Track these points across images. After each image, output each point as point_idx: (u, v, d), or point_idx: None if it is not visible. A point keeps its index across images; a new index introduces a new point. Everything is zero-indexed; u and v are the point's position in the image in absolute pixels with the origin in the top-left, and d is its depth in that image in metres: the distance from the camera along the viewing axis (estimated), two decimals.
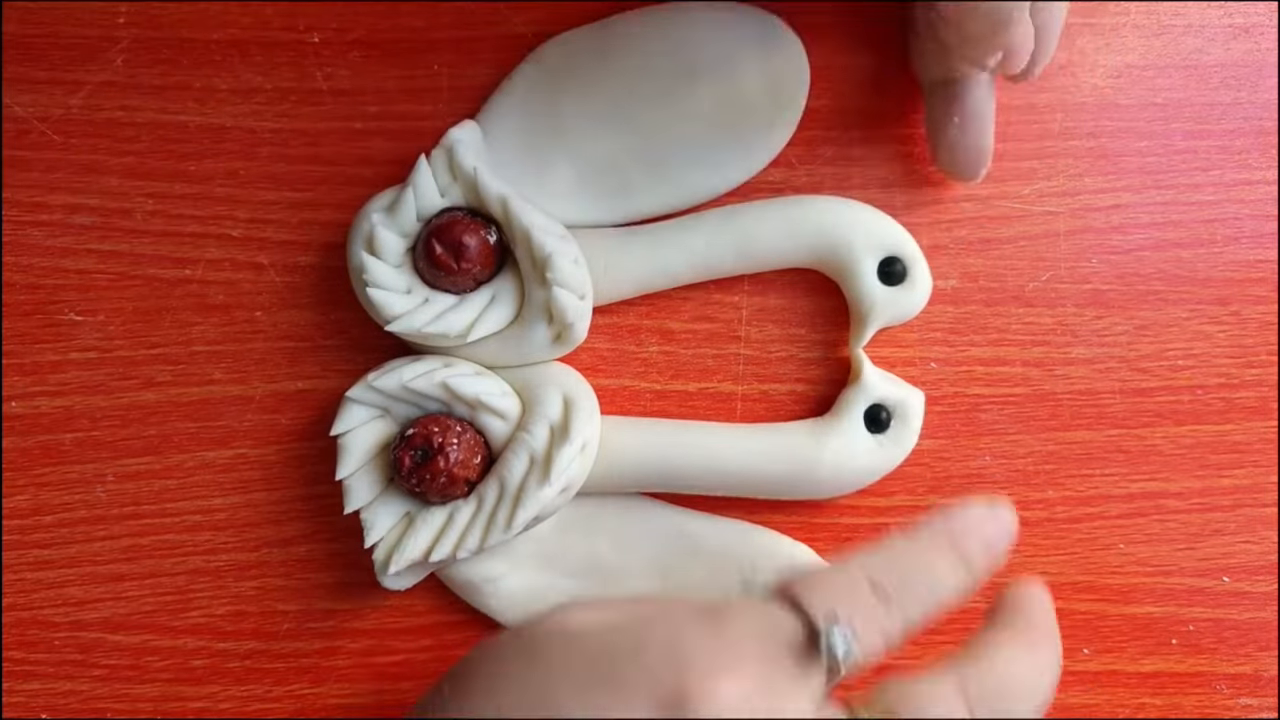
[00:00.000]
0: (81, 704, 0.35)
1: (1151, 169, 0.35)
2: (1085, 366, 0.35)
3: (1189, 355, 0.35)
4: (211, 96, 0.34)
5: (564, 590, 0.34)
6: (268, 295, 0.35)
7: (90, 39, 0.34)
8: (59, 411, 0.35)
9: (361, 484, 0.32)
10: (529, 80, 0.34)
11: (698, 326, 0.35)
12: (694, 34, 0.34)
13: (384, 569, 0.32)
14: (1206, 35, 0.35)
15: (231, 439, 0.35)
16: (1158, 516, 0.35)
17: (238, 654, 0.35)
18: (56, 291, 0.34)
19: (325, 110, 0.35)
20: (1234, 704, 0.35)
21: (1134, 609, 0.35)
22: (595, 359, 0.35)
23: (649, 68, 0.34)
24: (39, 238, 0.34)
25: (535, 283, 0.32)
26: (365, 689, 0.35)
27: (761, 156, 0.34)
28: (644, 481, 0.34)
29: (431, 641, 0.35)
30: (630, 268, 0.34)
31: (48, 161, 0.34)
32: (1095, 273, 0.35)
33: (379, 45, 0.34)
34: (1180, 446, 0.35)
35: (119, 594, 0.35)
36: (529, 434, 0.32)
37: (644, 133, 0.34)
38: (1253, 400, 0.35)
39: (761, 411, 0.35)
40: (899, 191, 0.35)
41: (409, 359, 0.33)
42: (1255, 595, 0.35)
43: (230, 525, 0.35)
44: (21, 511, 0.35)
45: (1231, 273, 0.35)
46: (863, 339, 0.34)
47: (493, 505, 0.32)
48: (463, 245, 0.31)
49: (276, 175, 0.35)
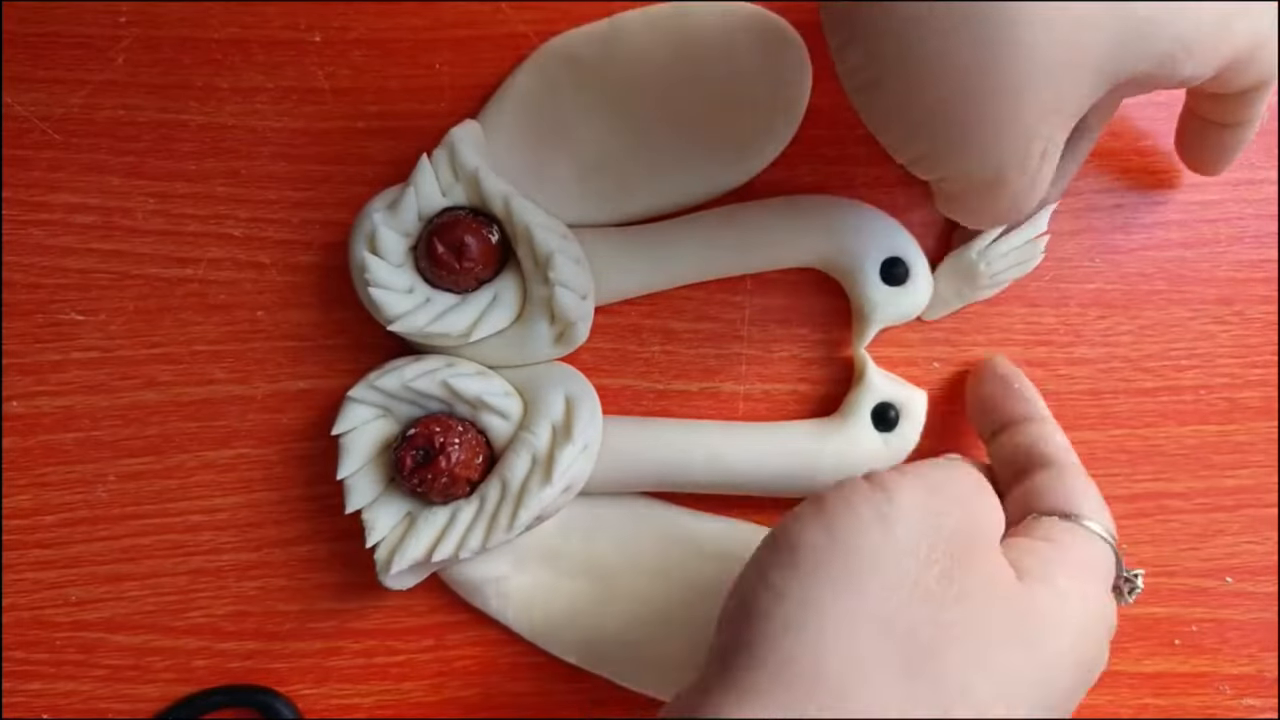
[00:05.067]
0: (83, 704, 0.34)
1: (1154, 168, 0.35)
2: (1088, 366, 0.35)
3: (1192, 355, 0.35)
4: (213, 96, 0.34)
5: (566, 590, 0.34)
6: (269, 295, 0.35)
7: (91, 38, 0.34)
8: (60, 411, 0.34)
9: (363, 484, 0.32)
10: (530, 80, 0.34)
11: (700, 326, 0.35)
12: (695, 34, 0.34)
13: (385, 569, 0.32)
14: None
15: (233, 439, 0.35)
16: (1161, 517, 0.35)
17: (239, 654, 0.35)
18: (57, 291, 0.34)
19: (327, 109, 0.34)
20: (1237, 704, 0.35)
21: (1136, 609, 0.35)
22: (597, 359, 0.35)
23: (650, 67, 0.34)
24: (40, 237, 0.34)
25: (537, 282, 0.32)
26: (367, 689, 0.35)
27: (763, 156, 0.34)
28: (646, 481, 0.34)
29: (433, 642, 0.35)
30: (632, 267, 0.34)
31: (49, 161, 0.34)
32: (1098, 272, 0.35)
33: (380, 44, 0.34)
34: (1184, 447, 0.35)
35: (120, 594, 0.35)
36: (531, 434, 0.32)
37: (646, 132, 0.34)
38: (1256, 400, 0.35)
39: (764, 412, 0.35)
40: (901, 192, 0.35)
41: (411, 358, 0.33)
42: (1258, 596, 0.35)
43: (231, 525, 0.35)
44: (22, 511, 0.34)
45: (1235, 273, 0.35)
46: (865, 339, 0.34)
47: (495, 505, 0.32)
48: (464, 244, 0.31)
49: (278, 174, 0.34)
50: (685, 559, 0.34)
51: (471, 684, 0.35)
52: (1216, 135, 0.32)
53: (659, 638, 0.34)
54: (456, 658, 0.35)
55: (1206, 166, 0.33)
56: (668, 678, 0.34)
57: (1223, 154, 0.32)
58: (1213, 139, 0.32)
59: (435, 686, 0.35)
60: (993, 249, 0.34)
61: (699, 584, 0.34)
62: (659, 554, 0.34)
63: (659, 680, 0.34)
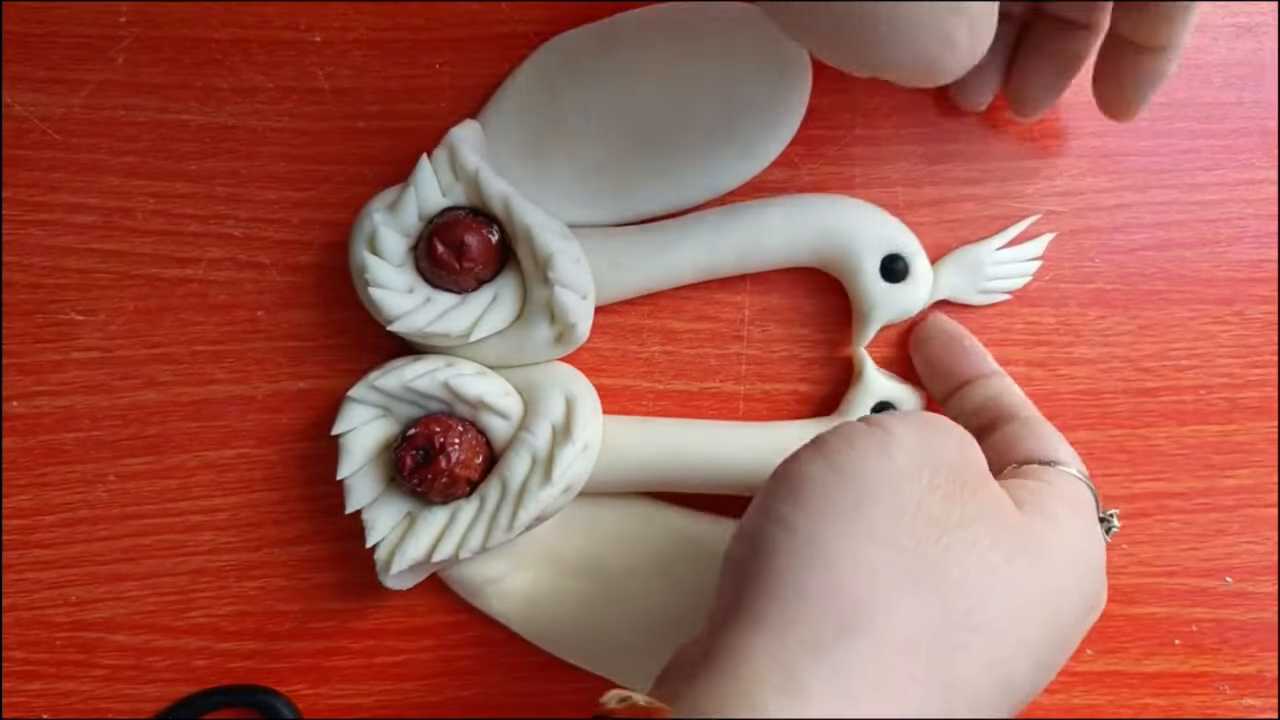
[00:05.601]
0: (83, 704, 0.35)
1: (1154, 168, 0.35)
2: (1088, 366, 0.35)
3: (1192, 355, 0.35)
4: (213, 96, 0.34)
5: (566, 590, 0.34)
6: (269, 295, 0.35)
7: (91, 38, 0.34)
8: (60, 411, 0.34)
9: (363, 484, 0.32)
10: (530, 80, 0.34)
11: (700, 326, 0.35)
12: (695, 34, 0.34)
13: (386, 569, 0.32)
14: (1209, 35, 0.35)
15: (233, 439, 0.35)
16: (1161, 517, 0.35)
17: (239, 654, 0.35)
18: (57, 291, 0.34)
19: (327, 109, 0.34)
20: (1237, 704, 0.35)
21: (1137, 609, 0.35)
22: (597, 359, 0.35)
23: (650, 67, 0.34)
24: (40, 237, 0.34)
25: (537, 282, 0.32)
26: (367, 689, 0.35)
27: (764, 156, 0.34)
28: (646, 481, 0.34)
29: (433, 642, 0.35)
30: (632, 267, 0.34)
31: (48, 161, 0.34)
32: (1098, 272, 0.35)
33: (380, 44, 0.34)
34: (1184, 446, 0.35)
35: (120, 594, 0.35)
36: (531, 434, 0.32)
37: (645, 132, 0.34)
38: (1256, 400, 0.35)
39: (764, 412, 0.35)
40: (901, 190, 0.35)
41: (411, 358, 0.33)
42: (1258, 596, 0.35)
43: (232, 525, 0.35)
44: (23, 511, 0.34)
45: (1235, 272, 0.35)
46: (865, 337, 0.34)
47: (495, 505, 0.32)
48: (465, 244, 0.31)
49: (278, 174, 0.34)
50: (685, 559, 0.34)
51: (471, 684, 0.35)
52: (1134, 62, 0.30)
53: (659, 638, 0.34)
54: (457, 658, 0.35)
55: (1120, 103, 0.32)
56: None
57: (1138, 88, 0.31)
58: (1129, 67, 0.31)
59: (435, 686, 0.35)
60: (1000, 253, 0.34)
61: (699, 584, 0.34)
62: (659, 554, 0.34)
63: None
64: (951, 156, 0.35)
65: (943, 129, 0.35)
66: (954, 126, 0.35)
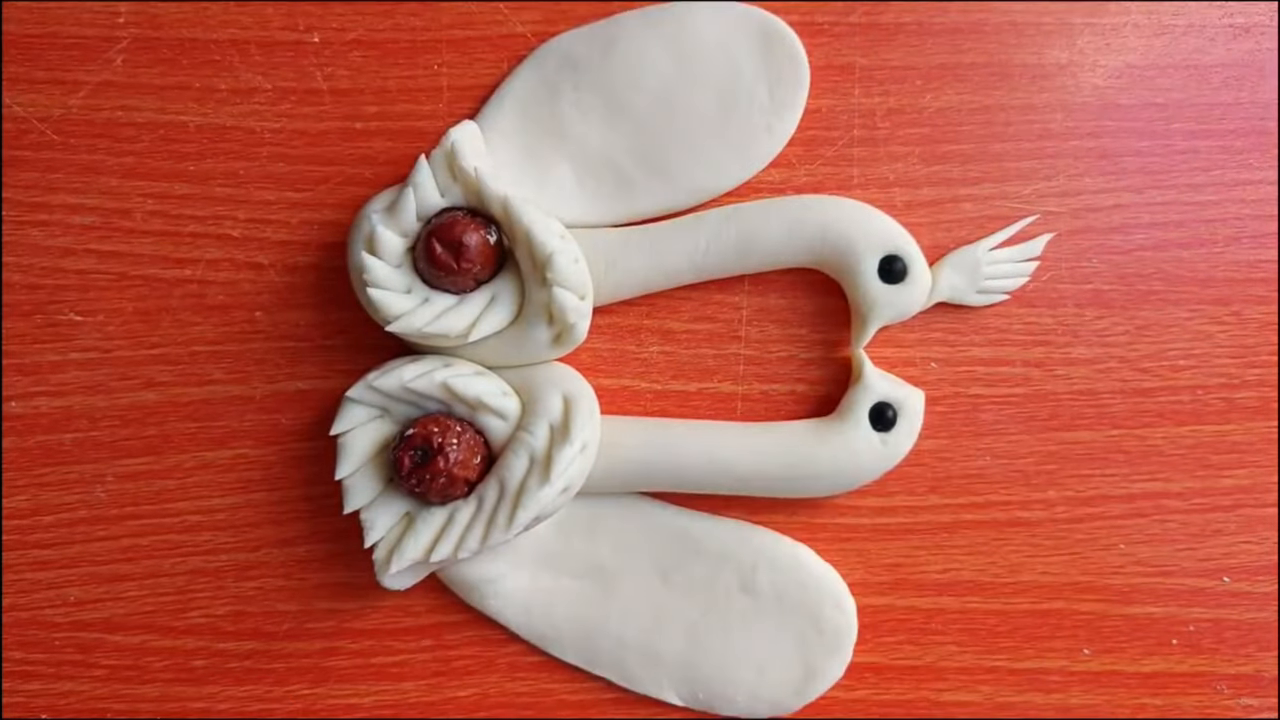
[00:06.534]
0: (82, 704, 0.35)
1: (1152, 169, 0.35)
2: (1086, 367, 0.35)
3: (1190, 355, 0.35)
4: (211, 96, 0.34)
5: (565, 590, 0.34)
6: (268, 295, 0.35)
7: (90, 39, 0.34)
8: (59, 411, 0.34)
9: (361, 484, 0.32)
10: (529, 80, 0.34)
11: (698, 327, 0.35)
12: (694, 34, 0.34)
13: (384, 569, 0.32)
14: (1207, 35, 0.35)
15: (231, 439, 0.35)
16: (1158, 517, 0.35)
17: (238, 654, 0.35)
18: (56, 291, 0.34)
19: (325, 110, 0.34)
20: (1234, 704, 0.35)
21: (1134, 609, 0.35)
22: (595, 359, 0.35)
23: (649, 67, 0.34)
24: (39, 238, 0.34)
25: (536, 283, 0.32)
26: (365, 689, 0.35)
27: (761, 156, 0.34)
28: (644, 481, 0.34)
29: (431, 642, 0.35)
30: (630, 268, 0.34)
31: (47, 161, 0.34)
32: (1096, 273, 0.35)
33: (379, 45, 0.34)
34: (1181, 447, 0.35)
35: (119, 594, 0.35)
36: (529, 434, 0.32)
37: (644, 133, 0.34)
38: (1253, 400, 0.35)
39: (762, 412, 0.35)
40: (899, 191, 0.35)
41: (409, 359, 0.33)
42: (1256, 595, 0.35)
43: (230, 525, 0.35)
44: (21, 511, 0.35)
45: (1232, 273, 0.35)
46: (864, 338, 0.34)
47: (493, 505, 0.32)
48: (463, 245, 0.31)
49: (276, 175, 0.34)
50: (684, 559, 0.34)
51: (470, 684, 0.35)
52: None
53: (658, 638, 0.34)
54: (455, 658, 0.35)
55: None
56: (667, 678, 0.34)
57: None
58: None
59: (434, 686, 0.35)
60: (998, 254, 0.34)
61: (698, 584, 0.34)
62: (658, 554, 0.34)
63: (658, 680, 0.34)
64: (949, 157, 0.35)
65: (941, 130, 0.35)
66: (952, 128, 0.35)
